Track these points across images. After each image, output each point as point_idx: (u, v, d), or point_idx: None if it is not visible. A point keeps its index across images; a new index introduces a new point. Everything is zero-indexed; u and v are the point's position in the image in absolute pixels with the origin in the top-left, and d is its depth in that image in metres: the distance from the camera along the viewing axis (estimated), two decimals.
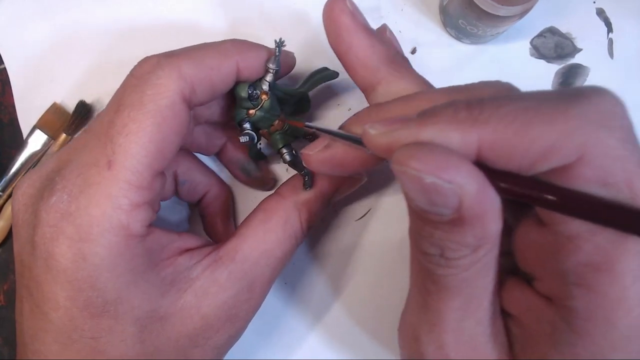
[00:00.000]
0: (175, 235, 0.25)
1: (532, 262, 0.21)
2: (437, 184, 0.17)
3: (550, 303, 0.20)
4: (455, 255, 0.19)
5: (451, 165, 0.17)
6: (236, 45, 0.25)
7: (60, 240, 0.21)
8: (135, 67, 0.24)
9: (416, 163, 0.17)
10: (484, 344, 0.21)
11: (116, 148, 0.22)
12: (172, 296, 0.24)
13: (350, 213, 0.34)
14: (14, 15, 0.35)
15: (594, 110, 0.17)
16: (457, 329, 0.21)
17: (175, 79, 0.23)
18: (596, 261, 0.18)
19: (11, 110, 0.35)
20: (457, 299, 0.20)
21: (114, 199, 0.22)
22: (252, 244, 0.26)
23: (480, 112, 0.18)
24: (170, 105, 0.23)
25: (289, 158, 0.28)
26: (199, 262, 0.25)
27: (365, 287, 0.33)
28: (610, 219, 0.17)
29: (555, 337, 0.20)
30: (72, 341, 0.22)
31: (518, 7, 0.28)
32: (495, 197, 0.18)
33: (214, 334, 0.25)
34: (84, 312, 0.22)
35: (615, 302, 0.18)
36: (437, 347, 0.22)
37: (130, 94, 0.23)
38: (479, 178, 0.17)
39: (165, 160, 0.23)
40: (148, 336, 0.23)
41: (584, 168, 0.17)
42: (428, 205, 0.18)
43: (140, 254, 0.23)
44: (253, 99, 0.26)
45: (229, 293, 0.25)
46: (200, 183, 0.31)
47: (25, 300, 0.23)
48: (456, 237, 0.18)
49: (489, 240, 0.19)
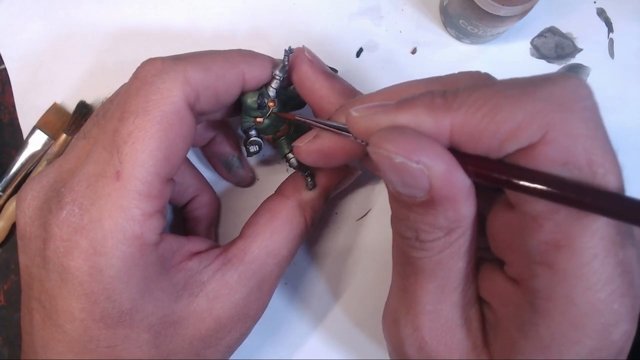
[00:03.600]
0: (184, 240, 0.26)
1: (502, 245, 0.21)
2: (406, 164, 0.18)
3: (517, 286, 0.20)
4: (428, 238, 0.20)
5: (419, 147, 0.18)
6: (243, 55, 0.26)
7: (75, 254, 0.21)
8: (139, 69, 0.23)
9: (388, 144, 0.18)
10: (458, 327, 0.22)
11: (123, 158, 0.22)
12: (185, 300, 0.24)
13: (351, 213, 0.34)
14: (14, 15, 0.35)
15: (558, 92, 0.18)
16: (432, 311, 0.22)
17: (180, 84, 0.23)
18: (556, 239, 0.18)
19: (11, 110, 0.35)
20: (432, 282, 0.21)
21: (125, 210, 0.21)
22: (260, 245, 0.26)
23: (454, 99, 0.19)
24: (175, 111, 0.22)
25: (296, 163, 0.28)
26: (209, 265, 0.25)
27: (365, 287, 0.33)
28: (568, 197, 0.17)
29: (519, 318, 0.20)
30: (87, 351, 0.22)
31: (518, 7, 0.28)
32: (464, 180, 0.19)
33: (226, 334, 0.25)
34: (100, 323, 0.22)
35: (574, 279, 0.18)
36: (413, 329, 0.22)
37: (135, 98, 0.22)
38: (447, 159, 0.18)
39: (173, 167, 0.23)
40: (162, 341, 0.23)
41: (547, 148, 0.18)
42: (401, 186, 0.19)
43: (154, 262, 0.23)
44: (262, 108, 0.26)
45: (240, 294, 0.25)
46: (190, 186, 0.31)
47: (36, 311, 0.23)
48: (429, 219, 0.19)
49: (462, 223, 0.20)
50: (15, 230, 0.34)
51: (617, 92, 0.34)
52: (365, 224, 0.34)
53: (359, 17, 0.34)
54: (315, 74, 0.26)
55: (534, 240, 0.19)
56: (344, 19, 0.34)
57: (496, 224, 0.21)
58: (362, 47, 0.34)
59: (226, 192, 0.34)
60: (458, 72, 0.22)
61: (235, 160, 0.32)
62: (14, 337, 0.34)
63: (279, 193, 0.29)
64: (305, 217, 0.28)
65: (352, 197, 0.34)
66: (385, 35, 0.34)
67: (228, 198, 0.34)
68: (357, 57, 0.34)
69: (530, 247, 0.19)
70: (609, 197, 0.17)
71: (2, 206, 0.34)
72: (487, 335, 0.22)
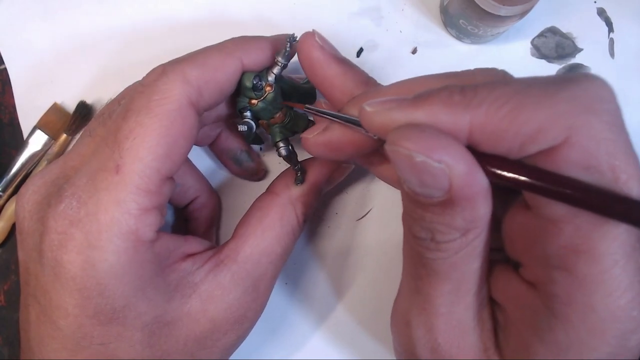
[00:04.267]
0: (181, 240, 0.26)
1: (519, 247, 0.21)
2: (427, 163, 0.17)
3: (533, 289, 0.20)
4: (445, 239, 0.19)
5: (441, 146, 0.17)
6: (237, 43, 0.25)
7: (69, 247, 0.21)
8: (144, 77, 0.24)
9: (408, 143, 0.18)
10: (471, 329, 0.22)
11: (124, 152, 0.22)
12: (178, 301, 0.24)
13: (351, 213, 0.34)
14: (14, 15, 0.35)
15: (581, 94, 0.18)
16: (446, 313, 0.21)
17: (180, 84, 0.23)
18: (576, 244, 0.18)
19: (11, 110, 0.35)
20: (447, 284, 0.21)
21: (122, 203, 0.21)
22: (252, 244, 0.26)
23: (473, 96, 0.18)
24: (177, 109, 0.23)
25: (285, 153, 0.28)
26: (201, 266, 0.25)
27: (366, 287, 0.33)
28: (590, 202, 0.17)
29: (536, 323, 0.20)
30: (81, 348, 0.22)
31: (519, 7, 0.28)
32: (484, 180, 0.18)
33: (222, 336, 0.25)
34: (93, 320, 0.22)
35: (594, 286, 0.18)
36: (426, 330, 0.22)
37: (138, 100, 0.23)
38: (468, 159, 0.18)
39: (174, 165, 0.23)
40: (156, 341, 0.23)
41: (569, 151, 0.17)
42: (419, 186, 0.18)
43: (149, 260, 0.23)
44: (257, 90, 0.26)
45: (234, 295, 0.25)
46: (191, 187, 0.31)
47: (32, 307, 0.23)
48: (446, 220, 0.19)
49: (479, 223, 0.19)
50: (15, 231, 0.34)
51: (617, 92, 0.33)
52: (365, 224, 0.34)
53: (359, 17, 0.34)
54: (327, 60, 0.25)
55: (553, 244, 0.18)
56: (344, 19, 0.34)
57: (513, 226, 0.21)
58: (362, 47, 0.34)
59: (228, 193, 0.34)
60: (474, 69, 0.22)
61: (244, 154, 0.32)
62: (14, 337, 0.34)
63: (269, 191, 0.29)
64: (297, 213, 0.28)
65: (352, 197, 0.34)
66: (385, 35, 0.34)
67: (230, 198, 0.34)
68: (357, 57, 0.34)
69: (548, 251, 0.19)
70: (633, 204, 0.17)
71: (2, 206, 0.34)
72: (498, 336, 0.22)
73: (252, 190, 0.34)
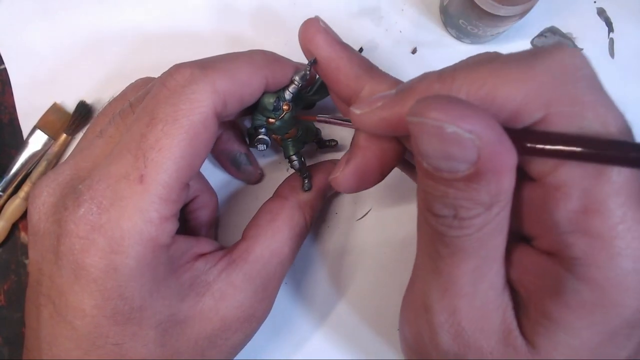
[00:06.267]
0: (193, 241, 0.26)
1: (529, 221, 0.21)
2: (458, 134, 0.16)
3: (551, 258, 0.20)
4: (469, 215, 0.18)
5: (472, 114, 0.17)
6: (266, 59, 0.26)
7: (91, 251, 0.22)
8: (167, 77, 0.24)
9: (437, 113, 0.17)
10: (494, 311, 0.21)
11: (148, 162, 0.22)
12: (191, 300, 0.24)
13: (351, 213, 0.34)
14: (14, 15, 0.35)
15: (556, 65, 0.18)
16: (470, 293, 0.21)
17: (209, 94, 0.23)
18: (585, 204, 0.18)
19: (11, 110, 0.35)
20: (471, 261, 0.20)
21: (144, 212, 0.22)
22: (263, 245, 0.27)
23: (452, 82, 0.18)
24: (203, 120, 0.23)
25: (298, 166, 0.29)
26: (214, 266, 0.26)
27: (366, 287, 0.33)
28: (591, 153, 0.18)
29: (559, 289, 0.19)
30: (95, 347, 0.22)
31: (518, 7, 0.28)
32: (512, 150, 0.17)
33: (232, 334, 0.26)
34: (110, 320, 0.22)
35: (610, 240, 0.18)
36: (449, 313, 0.21)
37: (164, 107, 0.23)
38: (497, 129, 0.17)
39: (193, 172, 0.24)
40: (169, 340, 0.24)
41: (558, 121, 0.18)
42: (444, 160, 0.17)
43: (165, 262, 0.23)
44: (276, 110, 0.27)
45: (245, 294, 0.26)
46: (191, 187, 0.31)
47: (44, 307, 0.23)
48: (471, 195, 0.18)
49: (503, 196, 0.18)
50: (15, 231, 0.34)
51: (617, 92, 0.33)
52: (365, 224, 0.34)
53: (359, 17, 0.34)
54: (332, 43, 0.25)
55: (564, 210, 0.19)
56: (344, 19, 0.34)
57: (521, 200, 0.21)
58: (362, 47, 0.34)
59: (226, 193, 0.34)
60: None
61: (243, 157, 0.32)
62: (14, 337, 0.34)
63: (278, 195, 0.30)
64: (305, 216, 0.29)
65: (352, 197, 0.34)
66: (385, 35, 0.34)
67: (228, 198, 0.34)
68: None
69: (560, 217, 0.19)
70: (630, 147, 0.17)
71: (2, 206, 0.34)
72: (519, 318, 0.21)
73: (251, 191, 0.34)
